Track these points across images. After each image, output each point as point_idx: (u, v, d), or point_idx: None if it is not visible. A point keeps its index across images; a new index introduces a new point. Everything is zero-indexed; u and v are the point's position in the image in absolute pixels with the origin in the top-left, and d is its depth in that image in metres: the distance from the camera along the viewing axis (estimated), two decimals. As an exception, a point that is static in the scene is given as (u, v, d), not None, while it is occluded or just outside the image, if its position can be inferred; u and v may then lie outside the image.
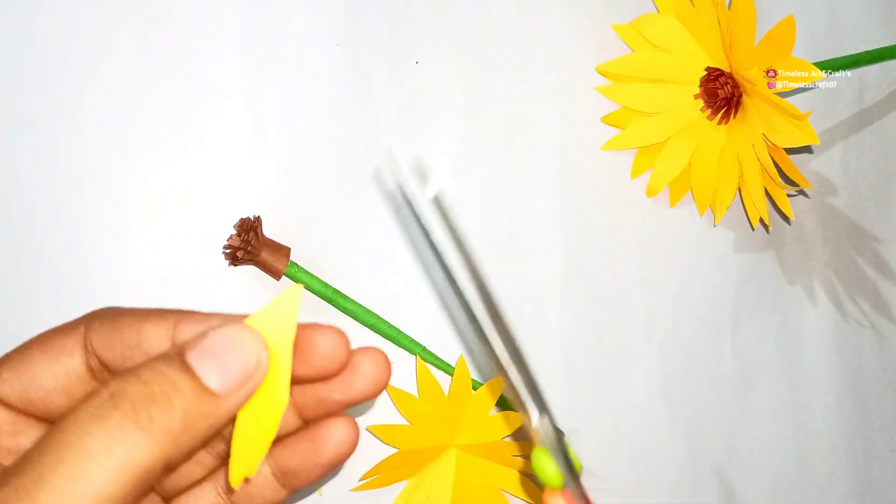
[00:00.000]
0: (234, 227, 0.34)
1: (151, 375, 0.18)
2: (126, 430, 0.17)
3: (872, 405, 0.43)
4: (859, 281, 0.43)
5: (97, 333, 0.21)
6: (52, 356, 0.21)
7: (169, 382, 0.18)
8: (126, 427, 0.17)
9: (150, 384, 0.18)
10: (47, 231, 0.33)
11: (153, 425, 0.17)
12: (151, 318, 0.21)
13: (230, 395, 0.19)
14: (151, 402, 0.17)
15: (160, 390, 0.18)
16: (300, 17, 0.36)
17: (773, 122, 0.35)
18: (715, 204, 0.40)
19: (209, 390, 0.18)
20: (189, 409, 0.18)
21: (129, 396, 0.17)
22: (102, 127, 0.34)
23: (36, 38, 0.33)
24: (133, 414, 0.17)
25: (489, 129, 0.38)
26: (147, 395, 0.17)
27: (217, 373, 0.18)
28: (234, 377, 0.19)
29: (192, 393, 0.18)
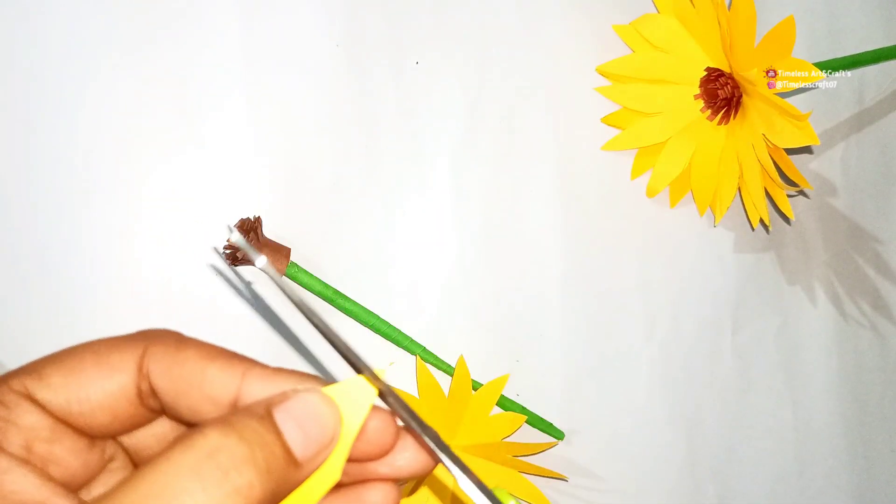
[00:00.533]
0: (234, 228, 0.34)
1: (251, 435, 0.18)
2: (225, 492, 0.17)
3: (872, 405, 0.43)
4: (859, 281, 0.43)
5: (157, 360, 0.20)
6: (106, 372, 0.20)
7: (266, 446, 0.18)
8: (225, 489, 0.17)
9: (251, 445, 0.17)
10: (47, 231, 0.33)
11: (251, 490, 0.17)
12: (219, 360, 0.20)
13: (308, 463, 0.19)
14: (251, 465, 0.17)
15: (260, 454, 0.17)
16: (300, 18, 0.36)
17: (773, 123, 0.35)
18: (715, 204, 0.40)
19: (294, 457, 0.18)
20: (279, 475, 0.18)
21: (230, 455, 0.17)
22: (102, 127, 0.34)
23: (36, 37, 0.33)
24: (234, 476, 0.17)
25: (489, 129, 0.38)
26: (247, 457, 0.17)
27: (301, 440, 0.18)
28: (316, 447, 0.19)
29: (283, 459, 0.18)
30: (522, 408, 0.38)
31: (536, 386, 0.38)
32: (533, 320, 0.39)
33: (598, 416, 0.39)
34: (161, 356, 0.20)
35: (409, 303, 0.37)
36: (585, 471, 0.39)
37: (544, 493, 0.38)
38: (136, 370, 0.20)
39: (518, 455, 0.37)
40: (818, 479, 0.42)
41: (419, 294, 0.37)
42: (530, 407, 0.38)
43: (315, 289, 0.35)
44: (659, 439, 0.40)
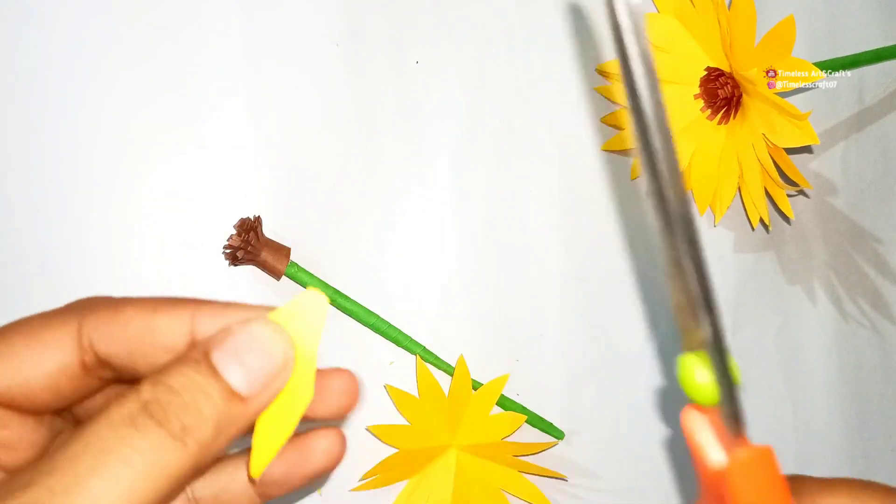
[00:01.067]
0: (233, 227, 0.34)
1: (182, 383, 0.18)
2: (161, 438, 0.17)
3: (872, 405, 0.43)
4: (859, 281, 0.43)
5: (96, 327, 0.20)
6: (40, 351, 0.20)
7: (199, 390, 0.18)
8: (160, 435, 0.17)
9: (182, 393, 0.18)
10: (47, 231, 0.33)
11: (186, 434, 0.17)
12: (163, 308, 0.20)
13: (257, 397, 0.19)
14: (184, 411, 0.17)
15: (191, 399, 0.18)
16: (300, 17, 0.36)
17: (773, 122, 0.35)
18: (715, 204, 0.40)
19: (237, 394, 0.18)
20: (219, 416, 0.18)
21: (161, 406, 0.17)
22: (102, 126, 0.34)
23: (36, 37, 0.33)
24: (167, 423, 0.17)
25: (489, 128, 0.38)
26: (179, 405, 0.17)
27: (244, 375, 0.18)
28: (261, 379, 0.19)
29: (222, 400, 0.18)
30: (522, 407, 0.38)
31: (536, 386, 0.38)
32: (533, 320, 0.39)
33: (598, 416, 0.39)
34: (100, 324, 0.20)
35: (409, 302, 0.37)
36: (585, 471, 0.39)
37: (544, 492, 0.38)
38: (74, 345, 0.20)
39: (518, 455, 0.37)
40: (818, 479, 0.42)
41: (419, 294, 0.37)
42: (530, 407, 0.38)
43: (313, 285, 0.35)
44: (659, 439, 0.40)
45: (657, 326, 0.40)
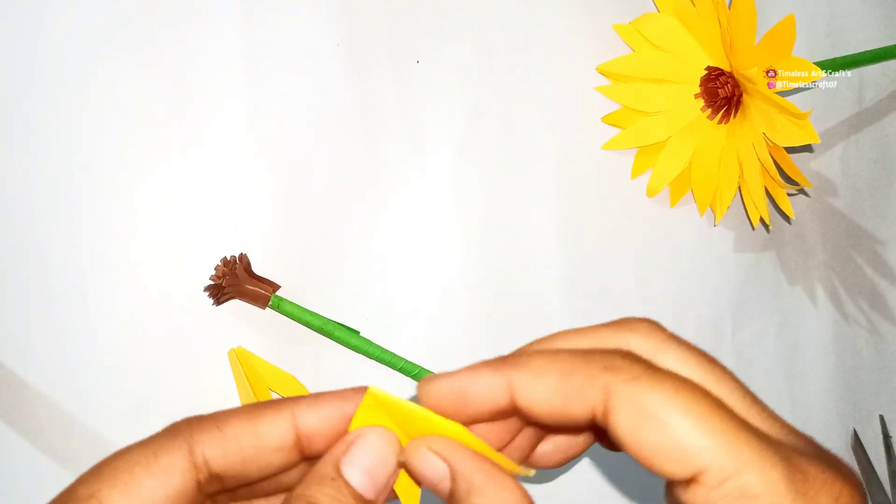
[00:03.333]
0: (215, 269, 0.34)
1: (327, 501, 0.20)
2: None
3: (871, 404, 0.43)
4: (859, 281, 0.43)
5: (208, 446, 0.21)
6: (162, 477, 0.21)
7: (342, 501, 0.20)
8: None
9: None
10: (47, 231, 0.33)
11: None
12: (266, 415, 0.22)
13: (380, 496, 0.21)
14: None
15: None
16: (300, 17, 0.36)
17: (773, 122, 0.35)
18: (715, 204, 0.40)
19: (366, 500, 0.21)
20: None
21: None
22: (102, 128, 0.34)
23: (36, 38, 0.33)
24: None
25: (489, 128, 0.38)
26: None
27: (369, 483, 0.21)
28: (383, 481, 0.21)
29: None
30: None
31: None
32: (533, 320, 0.39)
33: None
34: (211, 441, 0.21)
35: (410, 302, 0.37)
36: (585, 470, 0.39)
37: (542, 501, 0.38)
38: (190, 467, 0.21)
39: None
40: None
41: (419, 294, 0.37)
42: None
43: (302, 319, 0.35)
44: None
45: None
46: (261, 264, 0.35)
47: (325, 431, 0.22)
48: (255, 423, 0.21)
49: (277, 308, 0.34)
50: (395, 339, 0.36)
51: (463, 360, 0.38)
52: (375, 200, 0.37)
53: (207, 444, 0.21)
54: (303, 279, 0.35)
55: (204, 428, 0.21)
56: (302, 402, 0.22)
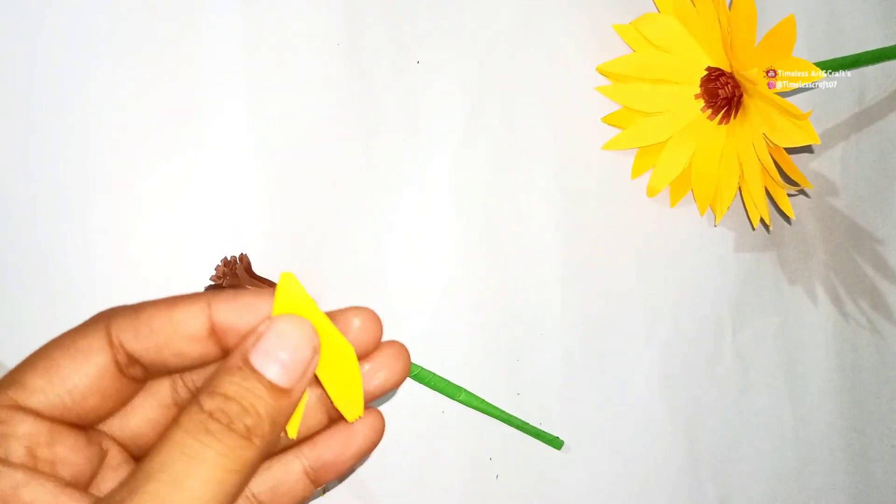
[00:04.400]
0: (215, 269, 0.34)
1: (234, 391, 0.20)
2: (233, 439, 0.20)
3: (871, 404, 0.43)
4: (859, 281, 0.43)
5: (123, 328, 0.22)
6: (80, 358, 0.22)
7: (250, 393, 0.20)
8: (233, 437, 0.20)
9: (237, 398, 0.20)
10: (47, 231, 0.33)
11: (251, 433, 0.20)
12: (181, 304, 0.22)
13: (298, 384, 0.21)
14: (244, 414, 0.20)
15: (247, 402, 0.20)
16: (300, 17, 0.36)
17: (773, 122, 0.35)
18: (715, 204, 0.40)
19: (281, 388, 0.21)
20: (271, 411, 0.21)
21: (225, 412, 0.20)
22: (102, 127, 0.34)
23: (36, 38, 0.33)
24: (234, 426, 0.20)
25: (489, 128, 0.38)
26: (239, 409, 0.20)
27: (282, 370, 0.21)
28: (298, 368, 0.21)
29: (270, 397, 0.21)
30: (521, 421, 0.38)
31: (536, 386, 0.38)
32: (533, 320, 0.39)
33: (598, 415, 0.39)
34: (126, 324, 0.22)
35: (409, 302, 0.37)
36: (585, 470, 0.39)
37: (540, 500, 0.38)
38: (107, 347, 0.22)
39: None
40: (817, 478, 0.42)
41: (419, 294, 0.37)
42: (530, 406, 0.38)
43: None
44: (659, 439, 0.40)
45: (657, 326, 0.40)
46: (261, 264, 0.35)
47: (240, 326, 0.22)
48: (171, 310, 0.22)
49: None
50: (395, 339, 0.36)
51: (463, 360, 0.38)
52: (375, 200, 0.37)
53: (123, 328, 0.22)
54: (303, 279, 0.35)
55: (122, 313, 0.22)
56: (220, 294, 0.22)
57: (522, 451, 0.38)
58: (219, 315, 0.22)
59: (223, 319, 0.22)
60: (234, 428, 0.20)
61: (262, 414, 0.20)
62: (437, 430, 0.37)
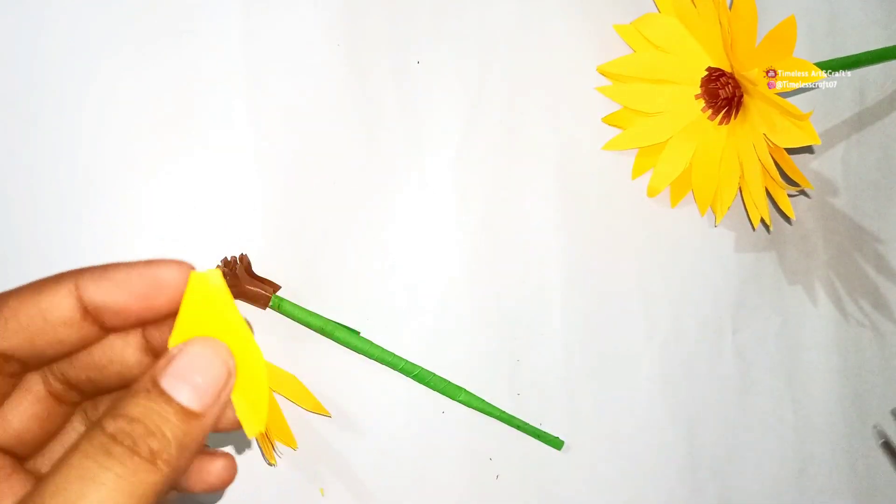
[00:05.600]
0: None
1: (140, 412, 0.19)
2: (135, 462, 0.19)
3: (872, 405, 0.43)
4: (860, 281, 0.43)
5: None
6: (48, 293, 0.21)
7: (157, 415, 0.19)
8: (134, 460, 0.19)
9: (143, 420, 0.19)
10: (47, 231, 0.33)
11: (155, 456, 0.19)
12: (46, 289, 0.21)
13: (211, 409, 0.20)
14: (149, 436, 0.19)
15: (153, 425, 0.19)
16: (301, 18, 0.36)
17: (774, 122, 0.35)
18: (716, 204, 0.40)
19: (192, 413, 0.20)
20: (179, 434, 0.19)
21: (128, 434, 0.19)
22: (104, 128, 0.34)
23: (38, 38, 0.33)
24: (137, 449, 0.19)
25: (490, 128, 0.38)
26: (143, 431, 0.19)
27: (194, 393, 0.20)
28: (210, 392, 0.20)
29: (179, 420, 0.19)
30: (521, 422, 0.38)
31: (536, 386, 0.38)
32: (533, 320, 0.39)
33: (598, 415, 0.39)
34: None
35: (410, 303, 0.37)
36: (585, 470, 0.39)
37: (540, 500, 0.38)
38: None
39: None
40: (818, 479, 0.42)
41: (419, 294, 0.37)
42: (531, 407, 0.38)
43: (302, 319, 0.35)
44: (659, 439, 0.40)
45: (657, 326, 0.40)
46: (261, 264, 0.35)
47: (115, 304, 0.21)
48: (36, 298, 0.21)
49: (278, 308, 0.34)
50: (395, 340, 0.36)
51: (463, 360, 0.38)
52: (376, 200, 0.37)
53: None
54: (303, 279, 0.36)
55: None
56: (85, 273, 0.21)
57: (522, 452, 0.38)
58: (89, 295, 0.21)
59: (95, 299, 0.21)
60: (138, 451, 0.19)
61: (170, 437, 0.19)
62: (437, 430, 0.37)
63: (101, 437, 0.19)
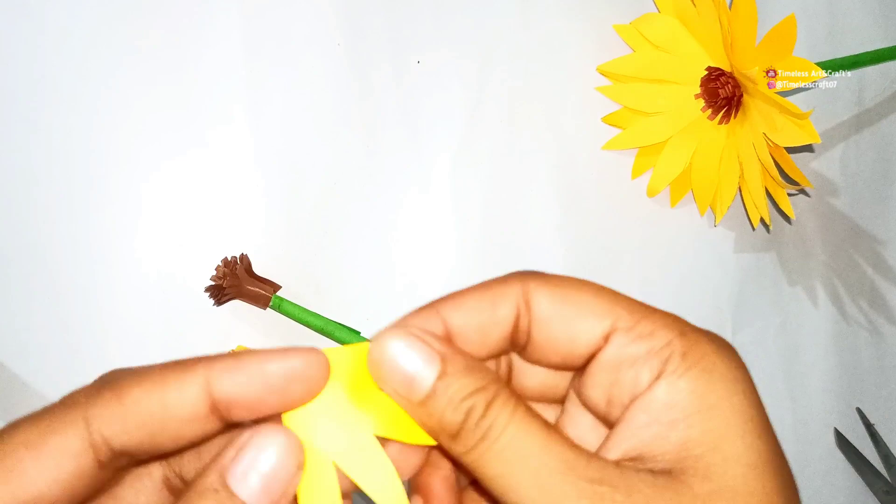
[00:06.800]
0: (215, 269, 0.34)
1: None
2: None
3: (871, 405, 0.43)
4: (859, 281, 0.43)
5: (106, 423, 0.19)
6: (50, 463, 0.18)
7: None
8: None
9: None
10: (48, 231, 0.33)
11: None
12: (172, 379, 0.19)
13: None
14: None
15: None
16: (301, 18, 0.36)
17: (774, 122, 0.35)
18: (716, 204, 0.40)
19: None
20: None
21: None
22: (104, 127, 0.34)
23: (40, 41, 0.33)
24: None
25: (489, 128, 0.38)
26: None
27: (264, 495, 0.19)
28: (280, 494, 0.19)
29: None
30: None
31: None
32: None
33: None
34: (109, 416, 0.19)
35: (410, 303, 0.37)
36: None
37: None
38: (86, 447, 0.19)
39: None
40: (817, 479, 0.42)
41: (419, 294, 0.37)
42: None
43: (303, 319, 0.35)
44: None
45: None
46: (261, 264, 0.35)
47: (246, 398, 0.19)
48: (162, 391, 0.19)
49: (278, 308, 0.34)
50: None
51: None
52: (376, 200, 0.37)
53: (106, 420, 0.19)
54: (303, 279, 0.35)
55: (102, 401, 0.19)
56: (218, 363, 0.19)
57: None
58: (222, 389, 0.19)
59: (228, 393, 0.19)
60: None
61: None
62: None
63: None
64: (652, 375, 0.20)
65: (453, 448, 0.19)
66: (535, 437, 0.19)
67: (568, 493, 0.18)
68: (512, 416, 0.19)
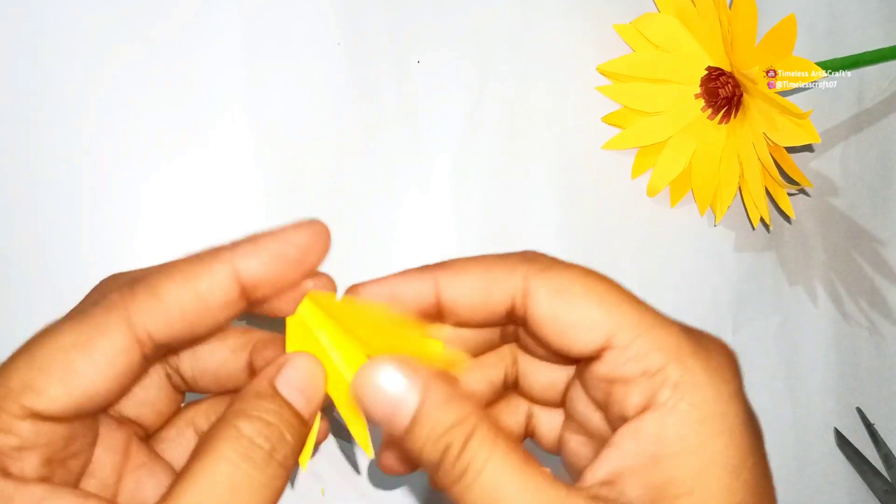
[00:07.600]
0: None
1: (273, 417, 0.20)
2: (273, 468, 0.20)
3: (872, 405, 0.43)
4: (859, 281, 0.43)
5: (149, 318, 0.20)
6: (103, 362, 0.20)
7: (283, 421, 0.20)
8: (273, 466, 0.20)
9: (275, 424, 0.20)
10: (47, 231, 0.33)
11: (286, 462, 0.20)
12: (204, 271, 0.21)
13: (312, 418, 0.22)
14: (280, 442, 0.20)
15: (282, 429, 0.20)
16: (301, 17, 0.36)
17: (774, 121, 0.35)
18: (715, 204, 0.40)
19: (304, 420, 0.21)
20: (297, 438, 0.21)
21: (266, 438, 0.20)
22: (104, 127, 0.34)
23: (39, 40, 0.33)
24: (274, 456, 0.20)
25: (490, 128, 0.38)
26: (277, 437, 0.20)
27: (305, 402, 0.21)
28: (316, 402, 0.21)
29: (297, 426, 0.21)
30: None
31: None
32: (533, 320, 0.39)
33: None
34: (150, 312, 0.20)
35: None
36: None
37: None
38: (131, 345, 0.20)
39: None
40: (817, 478, 0.42)
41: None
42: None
43: None
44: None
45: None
46: (261, 264, 0.35)
47: (269, 275, 0.21)
48: (194, 283, 0.20)
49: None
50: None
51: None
52: (376, 200, 0.37)
53: (148, 318, 0.20)
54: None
55: (140, 299, 0.20)
56: (238, 249, 0.21)
57: (523, 451, 0.38)
58: (247, 272, 0.21)
59: (255, 274, 0.21)
60: (275, 457, 0.20)
61: (291, 442, 0.20)
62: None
63: (240, 440, 0.19)
64: (643, 400, 0.21)
65: (436, 481, 0.20)
66: (514, 474, 0.19)
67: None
68: (491, 452, 0.20)
